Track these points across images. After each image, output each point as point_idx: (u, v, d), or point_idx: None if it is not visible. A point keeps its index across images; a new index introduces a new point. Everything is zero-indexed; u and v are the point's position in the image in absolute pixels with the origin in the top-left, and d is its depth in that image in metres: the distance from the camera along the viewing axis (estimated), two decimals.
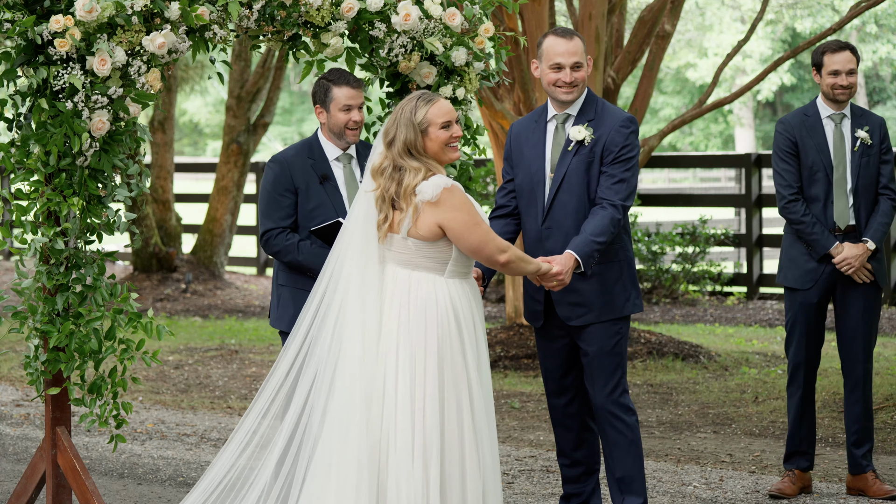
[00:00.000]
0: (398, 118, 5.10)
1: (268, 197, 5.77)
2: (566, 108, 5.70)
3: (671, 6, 11.40)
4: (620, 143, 5.60)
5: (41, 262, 5.34)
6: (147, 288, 15.78)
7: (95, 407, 5.52)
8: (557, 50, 5.63)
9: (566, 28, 5.78)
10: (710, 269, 14.91)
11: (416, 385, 5.00)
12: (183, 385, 10.32)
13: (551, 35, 5.68)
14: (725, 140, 39.60)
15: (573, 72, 5.63)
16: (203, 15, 5.33)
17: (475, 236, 5.07)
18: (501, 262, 5.15)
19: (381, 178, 5.10)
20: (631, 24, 16.39)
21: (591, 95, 5.74)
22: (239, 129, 16.41)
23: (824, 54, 6.67)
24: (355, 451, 4.94)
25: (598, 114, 5.67)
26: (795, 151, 6.71)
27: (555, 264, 5.36)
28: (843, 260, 6.59)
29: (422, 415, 4.98)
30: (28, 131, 5.27)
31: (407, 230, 5.06)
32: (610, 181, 5.57)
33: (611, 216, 5.50)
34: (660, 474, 7.22)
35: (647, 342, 10.95)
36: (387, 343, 5.06)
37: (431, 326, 5.04)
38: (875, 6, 10.93)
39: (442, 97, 5.25)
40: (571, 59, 5.62)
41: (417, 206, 5.03)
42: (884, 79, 35.92)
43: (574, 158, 5.61)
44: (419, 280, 5.09)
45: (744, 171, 15.20)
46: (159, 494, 6.99)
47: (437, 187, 5.02)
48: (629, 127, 5.63)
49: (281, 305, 5.85)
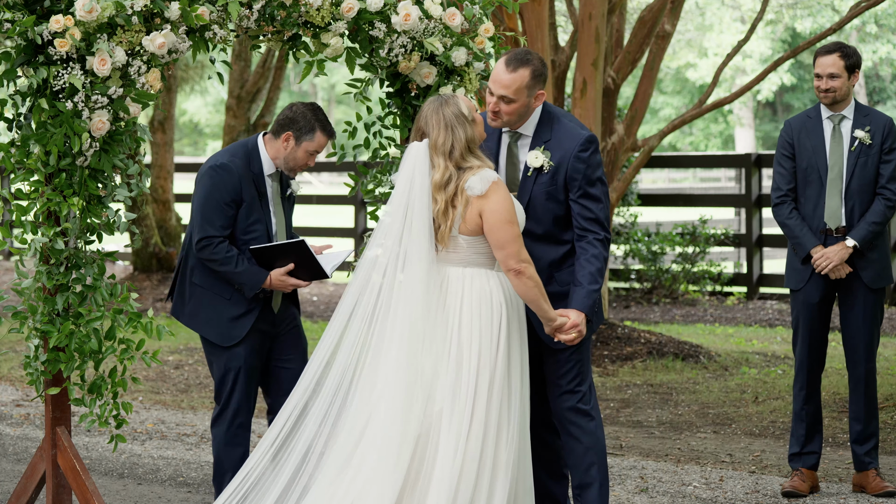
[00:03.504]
0: (447, 123, 5.14)
1: (213, 203, 5.72)
2: (515, 128, 5.44)
3: (671, 6, 11.40)
4: (583, 170, 5.33)
5: (41, 262, 5.34)
6: (147, 288, 15.78)
7: (95, 407, 5.52)
8: (494, 75, 5.33)
9: (517, 54, 5.33)
10: (710, 269, 14.91)
11: (465, 375, 5.12)
12: (183, 385, 10.33)
13: (502, 59, 5.34)
14: (725, 140, 39.61)
15: (501, 102, 5.33)
16: (203, 15, 5.32)
17: (505, 233, 5.11)
18: (517, 270, 5.13)
19: (444, 192, 5.15)
20: (631, 24, 16.38)
21: (546, 113, 5.43)
22: (239, 129, 16.41)
23: (816, 56, 6.73)
24: (398, 438, 5.05)
25: (555, 134, 5.38)
26: (792, 154, 6.78)
27: (570, 316, 5.25)
28: (820, 256, 6.61)
29: (471, 406, 5.09)
30: (28, 131, 5.27)
31: (458, 227, 5.16)
32: (586, 215, 5.34)
33: (602, 257, 5.33)
34: (660, 474, 7.22)
35: (647, 342, 10.95)
36: (445, 339, 5.16)
37: (486, 319, 5.16)
38: (875, 6, 10.93)
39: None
40: (499, 90, 5.30)
41: (469, 200, 5.13)
42: (884, 79, 35.91)
43: (535, 187, 5.37)
44: (472, 276, 5.20)
45: (744, 171, 15.21)
46: (159, 494, 6.99)
47: (486, 181, 5.12)
48: (588, 149, 5.34)
49: (193, 304, 5.85)
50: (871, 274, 6.70)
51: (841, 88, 6.70)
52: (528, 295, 5.16)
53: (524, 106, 5.33)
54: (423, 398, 5.12)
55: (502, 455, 5.14)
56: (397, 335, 5.14)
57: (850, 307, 6.74)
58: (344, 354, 5.21)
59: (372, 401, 5.13)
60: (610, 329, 11.11)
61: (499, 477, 5.12)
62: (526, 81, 5.29)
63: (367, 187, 6.22)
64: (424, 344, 5.15)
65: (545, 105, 5.45)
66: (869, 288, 6.70)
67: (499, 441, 5.14)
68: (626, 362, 10.62)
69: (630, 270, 15.25)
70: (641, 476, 7.19)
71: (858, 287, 6.70)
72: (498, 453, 5.14)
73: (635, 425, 8.64)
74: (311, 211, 22.54)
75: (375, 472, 5.03)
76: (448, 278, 5.21)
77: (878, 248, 6.72)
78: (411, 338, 5.13)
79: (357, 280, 5.27)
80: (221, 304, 5.81)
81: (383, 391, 5.12)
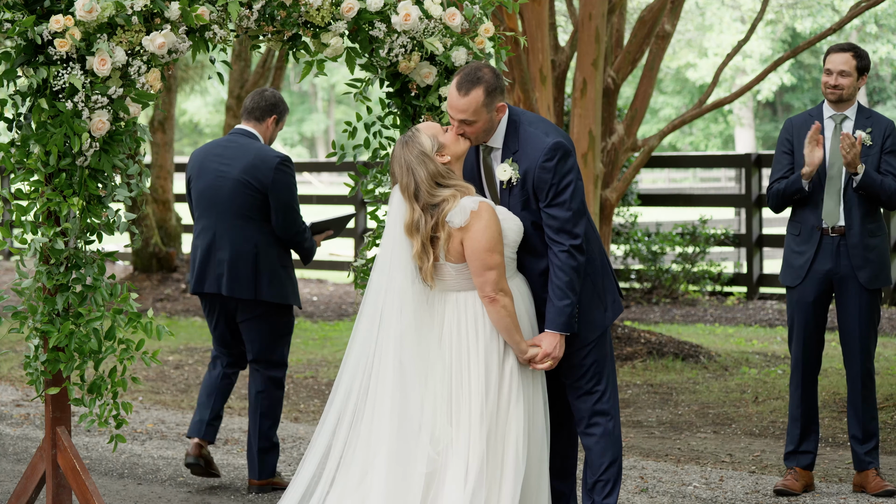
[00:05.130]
0: (407, 165, 5.13)
1: (296, 194, 6.86)
2: (484, 141, 5.37)
3: (671, 6, 11.40)
4: (548, 179, 5.23)
5: (41, 262, 5.34)
6: (147, 288, 15.77)
7: (95, 407, 5.52)
8: (449, 101, 5.25)
9: (466, 75, 5.24)
10: (710, 269, 14.91)
11: (465, 398, 5.12)
12: (183, 385, 10.32)
13: (453, 82, 5.25)
14: (725, 140, 39.62)
15: (463, 125, 5.27)
16: (203, 15, 5.32)
17: (482, 261, 5.09)
18: (491, 297, 5.10)
19: (418, 234, 5.14)
20: (631, 24, 16.39)
21: (512, 124, 5.35)
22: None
23: (828, 53, 6.76)
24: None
25: (522, 144, 5.30)
26: (790, 150, 6.81)
27: (542, 345, 5.24)
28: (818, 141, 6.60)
29: (477, 431, 5.08)
30: (28, 131, 5.27)
31: (444, 256, 5.15)
32: (553, 225, 5.27)
33: (569, 267, 5.25)
34: (660, 474, 7.22)
35: (647, 342, 10.95)
36: (443, 372, 5.15)
37: (483, 340, 5.15)
38: (875, 6, 10.93)
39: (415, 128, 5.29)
40: (458, 115, 5.22)
41: (450, 232, 5.11)
42: (884, 79, 35.92)
43: (510, 198, 5.34)
44: (465, 299, 5.19)
45: (744, 171, 15.20)
46: (159, 494, 6.99)
47: (465, 212, 5.09)
48: (553, 157, 5.24)
49: (291, 282, 6.97)
50: (868, 274, 6.69)
51: (848, 87, 6.70)
52: (501, 324, 5.14)
53: (487, 122, 5.28)
54: (424, 443, 5.08)
55: (509, 475, 5.09)
56: (389, 383, 5.13)
57: (845, 307, 6.74)
58: (354, 390, 5.24)
59: (368, 457, 5.12)
60: (610, 329, 11.10)
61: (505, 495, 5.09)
62: (481, 101, 5.22)
63: (367, 187, 6.23)
64: (422, 384, 5.12)
65: (510, 112, 5.38)
66: (865, 288, 6.70)
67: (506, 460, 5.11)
68: (626, 362, 10.62)
69: (630, 270, 15.25)
70: (641, 476, 7.19)
71: (855, 287, 6.70)
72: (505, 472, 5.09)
73: (635, 425, 8.64)
74: (312, 211, 22.52)
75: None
76: (444, 303, 5.21)
77: (875, 248, 6.72)
78: (404, 382, 5.12)
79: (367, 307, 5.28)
80: (294, 277, 7.03)
81: (378, 445, 5.10)
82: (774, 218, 16.80)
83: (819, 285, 6.74)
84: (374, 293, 5.24)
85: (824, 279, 6.73)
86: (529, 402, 5.23)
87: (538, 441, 5.25)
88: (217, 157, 6.92)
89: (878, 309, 6.78)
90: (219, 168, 6.88)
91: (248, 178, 6.81)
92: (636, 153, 12.42)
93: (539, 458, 5.26)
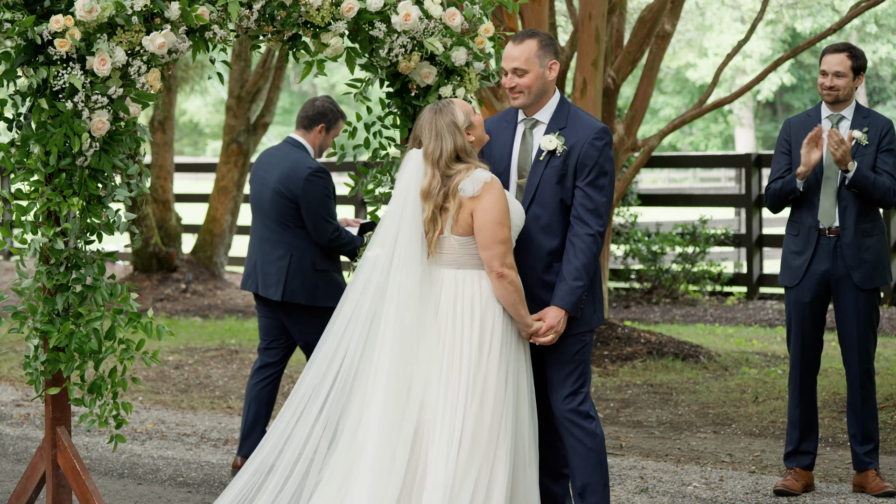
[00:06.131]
0: (437, 132, 5.19)
1: (329, 203, 7.08)
2: (532, 112, 5.50)
3: (671, 6, 11.40)
4: (595, 157, 5.35)
5: (41, 262, 5.34)
6: (147, 288, 15.77)
7: (95, 407, 5.52)
8: (504, 53, 5.46)
9: (527, 31, 5.48)
10: (710, 269, 14.91)
11: (457, 380, 5.14)
12: (183, 385, 10.32)
13: (511, 39, 5.46)
14: (725, 140, 39.61)
15: (515, 77, 5.40)
16: (203, 15, 5.32)
17: (492, 234, 5.13)
18: (499, 273, 5.16)
19: (431, 200, 5.19)
20: (631, 24, 16.39)
21: (563, 102, 5.51)
22: (239, 129, 16.41)
23: (823, 54, 6.76)
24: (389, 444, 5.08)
25: (570, 122, 5.43)
26: (788, 150, 6.83)
27: (546, 318, 5.31)
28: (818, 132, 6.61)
29: (462, 409, 5.10)
30: (28, 131, 5.27)
31: (450, 228, 5.18)
32: (587, 205, 5.34)
33: (590, 252, 5.32)
34: (660, 474, 7.23)
35: (647, 342, 10.95)
36: (437, 343, 5.18)
37: (479, 321, 5.18)
38: (875, 6, 10.93)
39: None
40: (511, 63, 5.38)
41: (461, 202, 5.16)
42: (884, 79, 35.90)
43: (546, 170, 5.39)
44: (465, 278, 5.22)
45: (744, 172, 15.21)
46: (159, 494, 6.99)
47: (478, 182, 5.16)
48: (603, 139, 5.38)
49: (329, 284, 7.08)
50: (862, 275, 6.69)
51: (844, 88, 6.71)
52: (507, 299, 5.20)
53: (539, 77, 5.41)
54: (415, 406, 5.12)
55: (501, 458, 5.13)
56: (388, 341, 5.16)
57: (843, 308, 6.74)
58: (348, 356, 5.24)
59: (364, 411, 5.14)
60: (610, 329, 11.11)
61: (497, 480, 5.11)
62: (535, 50, 5.39)
63: (367, 187, 6.23)
64: (416, 351, 5.16)
65: (562, 97, 5.53)
66: (860, 289, 6.70)
67: (498, 444, 5.14)
68: (626, 362, 10.62)
69: (630, 270, 15.25)
70: (641, 476, 7.19)
71: (850, 288, 6.70)
72: (497, 456, 5.13)
73: (635, 425, 8.64)
74: None
75: (372, 483, 5.03)
76: (441, 281, 5.23)
77: (870, 248, 6.71)
78: (402, 345, 5.15)
79: (359, 280, 5.29)
80: (333, 280, 7.14)
81: (373, 400, 5.13)
82: (774, 218, 16.80)
83: (816, 286, 6.74)
84: (372, 258, 5.27)
85: (821, 280, 6.73)
86: (516, 384, 5.25)
87: (525, 419, 5.28)
88: (265, 164, 7.23)
89: (876, 309, 6.77)
90: (263, 176, 7.19)
91: (282, 187, 7.07)
92: (636, 153, 12.42)
93: (528, 439, 5.29)
